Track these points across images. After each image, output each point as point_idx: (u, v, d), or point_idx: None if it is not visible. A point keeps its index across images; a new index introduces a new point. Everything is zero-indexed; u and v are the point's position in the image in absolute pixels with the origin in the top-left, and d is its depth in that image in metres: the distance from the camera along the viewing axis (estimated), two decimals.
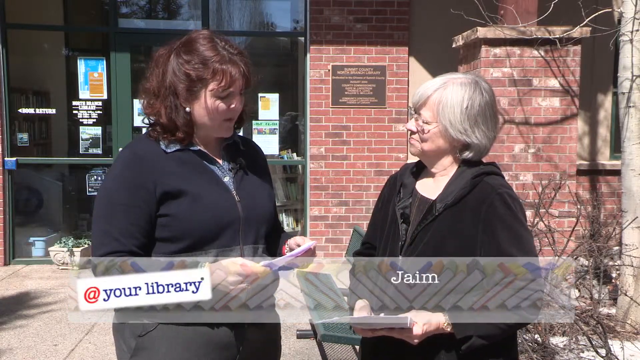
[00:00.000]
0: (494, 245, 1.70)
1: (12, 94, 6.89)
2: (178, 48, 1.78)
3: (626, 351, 3.97)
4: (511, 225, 1.72)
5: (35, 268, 6.76)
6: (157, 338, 1.74)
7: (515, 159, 5.59)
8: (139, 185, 1.73)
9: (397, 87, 6.92)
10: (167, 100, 1.76)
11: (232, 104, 1.79)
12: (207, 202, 1.76)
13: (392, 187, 1.96)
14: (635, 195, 4.85)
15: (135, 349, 1.76)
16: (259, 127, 7.03)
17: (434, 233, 1.76)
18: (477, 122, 1.77)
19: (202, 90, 1.75)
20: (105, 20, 7.64)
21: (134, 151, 1.81)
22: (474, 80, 1.80)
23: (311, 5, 6.85)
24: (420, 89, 1.82)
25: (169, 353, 1.73)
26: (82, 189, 7.24)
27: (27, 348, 4.46)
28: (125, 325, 1.78)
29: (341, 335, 3.47)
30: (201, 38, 1.77)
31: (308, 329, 4.56)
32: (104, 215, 1.74)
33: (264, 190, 1.93)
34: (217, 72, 1.73)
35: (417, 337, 1.65)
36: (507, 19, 5.47)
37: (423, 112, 1.80)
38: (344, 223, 6.97)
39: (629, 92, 4.86)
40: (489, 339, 1.67)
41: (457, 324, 1.66)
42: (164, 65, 1.78)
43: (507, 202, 1.74)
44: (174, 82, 1.75)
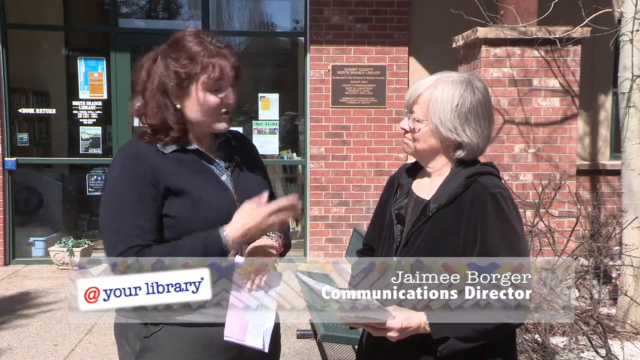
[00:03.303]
0: (482, 246, 1.67)
1: (12, 94, 6.89)
2: (165, 49, 1.79)
3: (626, 351, 3.97)
4: (501, 225, 1.69)
5: (35, 268, 6.76)
6: (163, 339, 1.73)
7: (515, 159, 5.59)
8: (143, 182, 1.72)
9: (397, 87, 6.92)
10: (156, 99, 1.76)
11: (223, 95, 1.79)
12: (208, 204, 1.76)
13: (390, 188, 1.96)
14: (636, 195, 4.85)
15: (140, 350, 1.74)
16: (259, 127, 7.03)
17: (428, 233, 1.74)
18: (467, 121, 1.75)
19: (192, 86, 1.75)
20: (105, 20, 7.63)
21: (130, 151, 1.80)
22: (467, 78, 1.78)
23: (311, 5, 6.85)
24: (413, 87, 1.81)
25: (174, 354, 1.72)
26: (82, 189, 7.24)
27: (27, 348, 4.46)
28: (129, 327, 1.77)
29: (341, 335, 3.47)
30: (187, 35, 1.78)
31: (308, 329, 4.56)
32: (114, 216, 1.72)
33: (260, 186, 1.93)
34: (207, 66, 1.74)
35: (395, 330, 1.62)
36: (507, 19, 5.47)
37: (415, 109, 1.79)
38: (344, 223, 6.97)
39: (629, 92, 4.86)
40: (467, 341, 1.64)
41: (434, 324, 1.63)
42: (150, 67, 1.79)
43: (499, 202, 1.71)
44: (162, 82, 1.76)
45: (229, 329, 1.71)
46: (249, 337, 1.73)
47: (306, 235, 7.07)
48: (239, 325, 1.72)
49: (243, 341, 1.72)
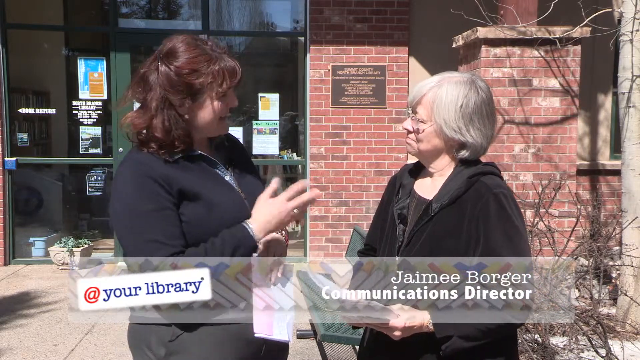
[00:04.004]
0: (484, 245, 1.68)
1: (12, 94, 6.89)
2: (165, 58, 1.73)
3: (626, 351, 3.97)
4: (503, 225, 1.69)
5: (35, 268, 6.76)
6: (189, 341, 1.70)
7: (515, 159, 5.59)
8: (158, 189, 1.68)
9: (397, 87, 6.93)
10: (163, 113, 1.71)
11: (230, 101, 1.79)
12: (220, 206, 1.74)
13: (392, 188, 1.96)
14: (635, 195, 4.85)
15: (165, 355, 1.70)
16: (259, 127, 7.03)
17: (430, 233, 1.75)
18: (472, 121, 1.75)
19: (205, 96, 1.73)
20: (105, 20, 7.64)
21: (137, 161, 1.74)
22: (470, 79, 1.79)
23: (311, 5, 6.85)
24: (416, 87, 1.81)
25: (201, 354, 1.70)
26: (82, 189, 7.25)
27: (27, 348, 4.46)
28: (151, 332, 1.72)
29: (341, 335, 3.47)
30: (185, 44, 1.73)
31: (308, 329, 4.56)
32: (140, 228, 1.66)
33: (258, 183, 1.94)
34: (218, 75, 1.72)
35: (398, 329, 1.63)
36: (507, 19, 5.47)
37: (419, 110, 1.79)
38: (344, 223, 6.97)
39: (629, 92, 4.86)
40: (470, 339, 1.64)
41: (438, 323, 1.64)
42: (153, 78, 1.72)
43: (502, 202, 1.72)
44: (168, 95, 1.71)
45: (257, 326, 1.72)
46: (276, 332, 1.75)
47: (306, 235, 7.07)
48: (266, 321, 1.74)
49: (271, 336, 1.73)
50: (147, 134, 1.74)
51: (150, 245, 1.65)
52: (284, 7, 7.90)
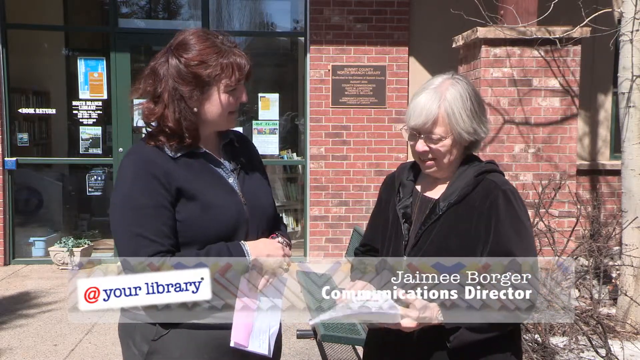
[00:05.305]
0: (494, 242, 1.70)
1: (12, 94, 6.89)
2: (176, 51, 1.74)
3: (626, 351, 3.97)
4: (512, 222, 1.72)
5: (35, 268, 6.76)
6: (171, 342, 1.71)
7: (515, 159, 5.59)
8: (158, 186, 1.69)
9: (397, 87, 6.93)
10: (174, 104, 1.73)
11: (239, 96, 1.79)
12: (217, 208, 1.74)
13: (391, 188, 1.96)
14: (635, 195, 4.85)
15: (148, 353, 1.72)
16: (259, 127, 7.03)
17: (438, 232, 1.76)
18: (478, 116, 1.79)
19: (213, 88, 1.74)
20: (105, 20, 7.64)
21: (140, 156, 1.76)
22: (451, 77, 1.80)
23: (311, 5, 6.85)
24: (418, 110, 1.76)
25: (182, 357, 1.71)
26: (82, 189, 7.25)
27: (27, 348, 4.46)
28: (136, 329, 1.74)
29: (341, 335, 3.47)
30: (196, 37, 1.74)
31: (308, 329, 4.56)
32: (131, 220, 1.68)
33: (264, 187, 1.93)
34: (226, 68, 1.72)
35: (412, 318, 1.64)
36: (507, 19, 5.47)
37: (436, 130, 1.76)
38: (344, 223, 6.97)
39: (629, 92, 4.86)
40: (477, 331, 1.66)
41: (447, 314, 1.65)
42: (162, 69, 1.74)
43: (510, 199, 1.74)
44: (178, 86, 1.72)
45: (235, 335, 1.71)
46: (254, 343, 1.73)
47: (306, 235, 7.08)
48: (244, 332, 1.72)
49: (247, 347, 1.72)
50: (158, 125, 1.76)
51: (136, 239, 1.66)
52: (284, 7, 7.90)
